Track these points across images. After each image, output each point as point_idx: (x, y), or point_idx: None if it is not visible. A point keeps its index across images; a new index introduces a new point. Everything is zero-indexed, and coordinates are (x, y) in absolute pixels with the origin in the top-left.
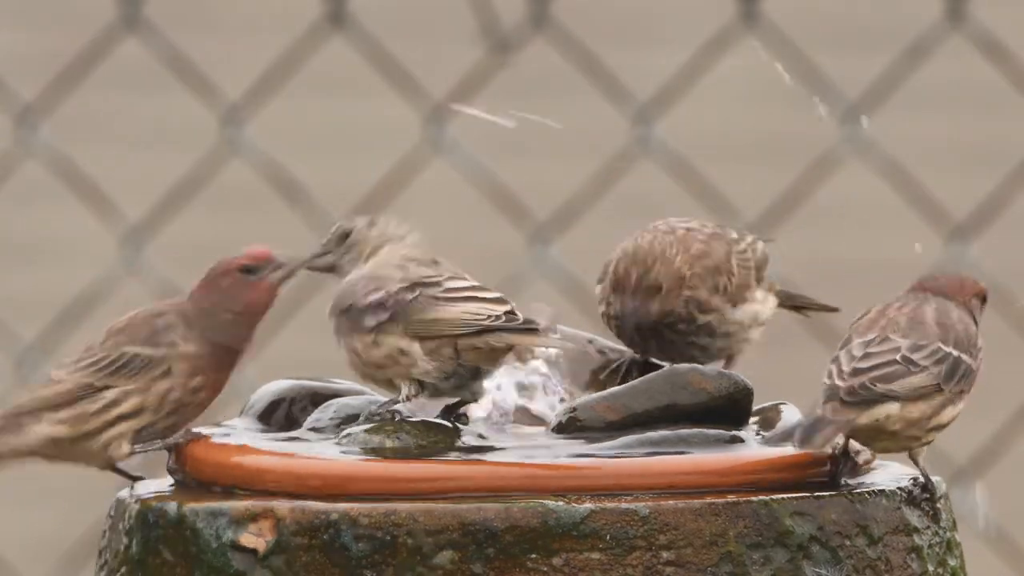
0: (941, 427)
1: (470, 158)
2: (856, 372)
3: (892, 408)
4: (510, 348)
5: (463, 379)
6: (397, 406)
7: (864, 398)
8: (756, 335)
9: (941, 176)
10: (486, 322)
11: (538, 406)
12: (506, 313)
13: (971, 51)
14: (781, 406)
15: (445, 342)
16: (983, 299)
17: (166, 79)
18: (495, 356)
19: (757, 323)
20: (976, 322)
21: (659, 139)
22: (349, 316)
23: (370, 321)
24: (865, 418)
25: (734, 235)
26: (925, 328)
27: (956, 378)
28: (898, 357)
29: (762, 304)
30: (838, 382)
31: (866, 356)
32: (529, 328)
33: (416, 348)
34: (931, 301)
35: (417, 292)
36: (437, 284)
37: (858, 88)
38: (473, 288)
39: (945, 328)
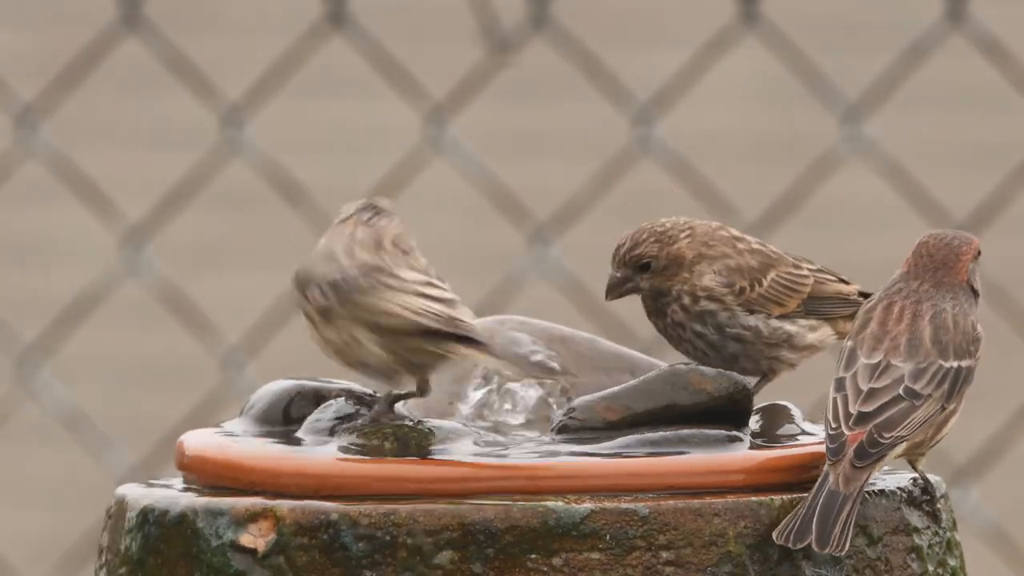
0: (943, 437)
1: (470, 158)
2: (862, 418)
3: (899, 448)
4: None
5: (416, 371)
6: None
7: (875, 457)
8: (790, 356)
9: (941, 176)
10: (426, 323)
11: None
12: (454, 319)
13: (971, 51)
14: (781, 406)
15: (394, 337)
16: (977, 255)
17: (166, 79)
18: (443, 359)
19: (790, 344)
20: (975, 290)
21: (659, 139)
22: (308, 291)
23: (320, 300)
24: (876, 469)
25: (790, 261)
26: (924, 348)
27: (957, 388)
28: (901, 390)
29: (800, 328)
30: (844, 429)
31: (871, 394)
32: (471, 340)
33: (365, 336)
34: (926, 302)
35: (371, 278)
36: (391, 273)
37: (858, 88)
38: (427, 283)
39: (942, 345)
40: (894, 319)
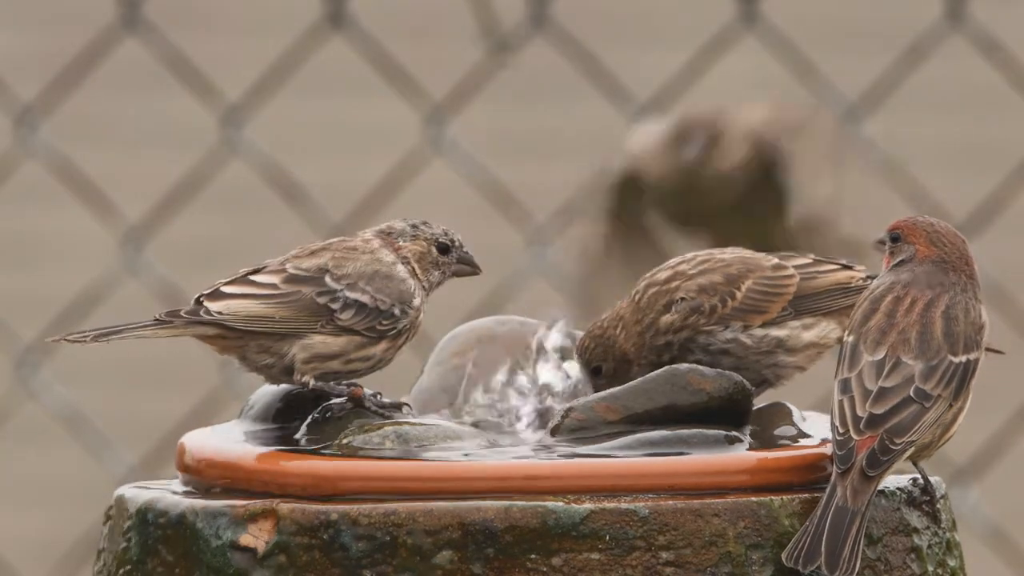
0: (951, 437)
1: (470, 158)
2: (872, 422)
3: (910, 450)
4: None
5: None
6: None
7: (886, 464)
8: (789, 360)
9: (941, 176)
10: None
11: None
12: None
13: (971, 51)
14: (780, 406)
15: None
16: None
17: (166, 79)
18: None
19: (785, 348)
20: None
21: None
22: None
23: None
24: (885, 477)
25: (771, 262)
26: (936, 342)
27: (965, 383)
28: (912, 392)
29: (791, 331)
30: (853, 434)
31: (880, 395)
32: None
33: None
34: (946, 293)
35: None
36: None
37: (858, 88)
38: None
39: (953, 338)
40: (904, 310)
